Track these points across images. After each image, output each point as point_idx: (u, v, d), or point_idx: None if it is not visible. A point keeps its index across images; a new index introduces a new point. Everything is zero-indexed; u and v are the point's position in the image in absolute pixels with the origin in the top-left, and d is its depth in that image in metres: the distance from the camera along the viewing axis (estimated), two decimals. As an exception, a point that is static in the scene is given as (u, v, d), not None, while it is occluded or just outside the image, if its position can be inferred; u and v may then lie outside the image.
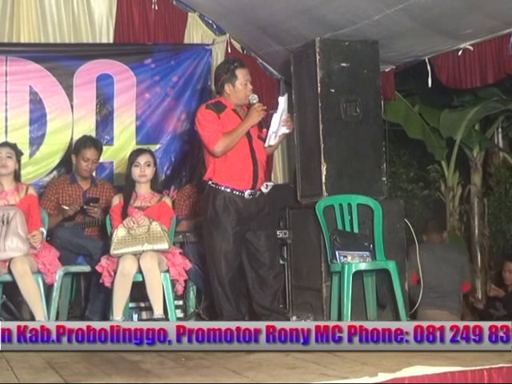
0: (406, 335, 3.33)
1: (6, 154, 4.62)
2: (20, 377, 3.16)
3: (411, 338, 3.33)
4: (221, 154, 4.39)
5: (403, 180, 8.10)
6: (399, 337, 3.34)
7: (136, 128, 6.21)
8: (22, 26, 5.97)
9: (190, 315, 5.19)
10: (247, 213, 4.44)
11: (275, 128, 4.48)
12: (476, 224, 7.80)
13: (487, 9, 4.87)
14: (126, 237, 4.44)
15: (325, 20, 5.36)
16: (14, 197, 4.61)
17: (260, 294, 4.51)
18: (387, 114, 6.05)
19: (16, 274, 4.36)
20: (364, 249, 4.89)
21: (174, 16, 6.33)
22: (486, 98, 7.10)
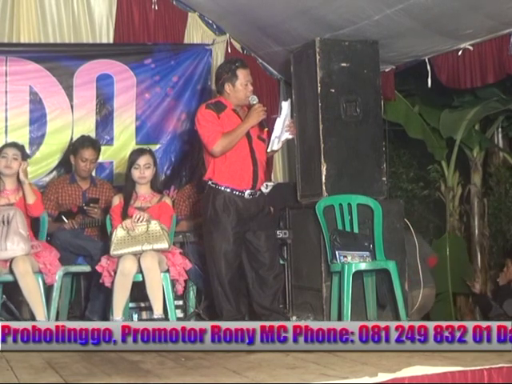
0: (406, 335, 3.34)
1: (13, 155, 4.66)
2: (20, 377, 3.16)
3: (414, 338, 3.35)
4: (220, 154, 4.39)
5: (403, 180, 8.09)
6: (400, 337, 3.34)
7: (136, 128, 6.20)
8: (22, 25, 5.96)
9: (190, 315, 5.19)
10: (247, 213, 4.44)
11: (278, 133, 4.48)
12: (476, 224, 7.79)
13: (487, 9, 4.87)
14: (126, 237, 4.44)
15: (325, 20, 5.35)
16: (15, 195, 4.64)
17: (260, 294, 4.52)
18: (387, 114, 6.05)
19: (18, 273, 4.37)
20: (364, 249, 4.89)
21: (174, 16, 6.33)
22: (486, 98, 7.09)
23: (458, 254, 7.43)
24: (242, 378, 3.06)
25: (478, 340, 3.31)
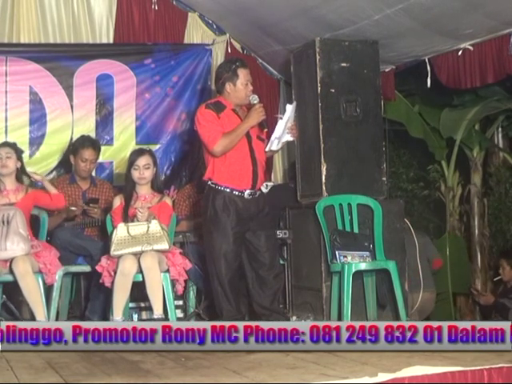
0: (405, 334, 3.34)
1: (6, 154, 4.65)
2: (20, 377, 3.16)
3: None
4: (220, 153, 4.39)
5: (403, 180, 8.08)
6: (400, 336, 3.34)
7: (136, 128, 6.20)
8: (22, 26, 5.96)
9: (190, 315, 5.19)
10: (247, 213, 4.44)
11: (279, 134, 4.48)
12: (476, 224, 7.79)
13: (487, 9, 4.87)
14: (126, 237, 4.44)
15: (325, 20, 5.36)
16: (16, 196, 4.64)
17: (260, 294, 4.52)
18: (387, 114, 6.05)
19: (18, 273, 4.37)
20: (364, 249, 4.89)
21: (174, 16, 6.33)
22: (487, 97, 7.09)
23: (458, 253, 7.43)
24: (241, 378, 3.06)
25: (480, 340, 3.32)
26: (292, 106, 4.52)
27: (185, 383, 3.04)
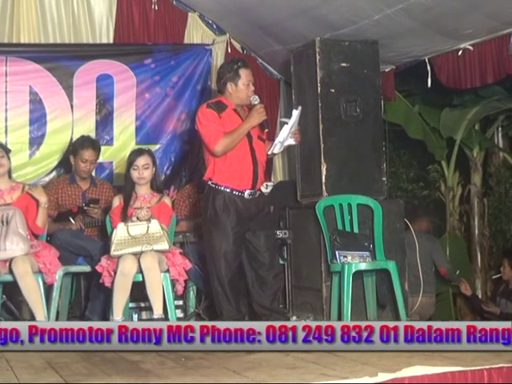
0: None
1: (0, 154, 4.64)
2: (20, 377, 3.15)
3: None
4: (221, 153, 4.39)
5: (403, 180, 8.09)
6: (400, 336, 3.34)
7: (136, 128, 6.21)
8: (22, 26, 5.96)
9: (190, 315, 5.19)
10: (247, 213, 4.44)
11: (282, 138, 4.49)
12: (476, 224, 7.79)
13: (487, 9, 4.87)
14: (126, 237, 4.43)
15: (325, 20, 5.36)
16: (11, 195, 4.62)
17: (260, 293, 4.52)
18: (387, 114, 6.05)
19: (17, 273, 4.36)
20: (364, 249, 4.89)
21: (174, 16, 6.33)
22: (487, 97, 7.09)
23: (458, 253, 7.44)
24: (242, 378, 3.06)
25: (479, 340, 3.32)
26: (297, 111, 4.52)
27: (185, 383, 3.04)
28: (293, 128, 4.51)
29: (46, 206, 4.63)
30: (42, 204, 4.60)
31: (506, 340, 3.29)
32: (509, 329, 3.31)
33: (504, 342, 3.29)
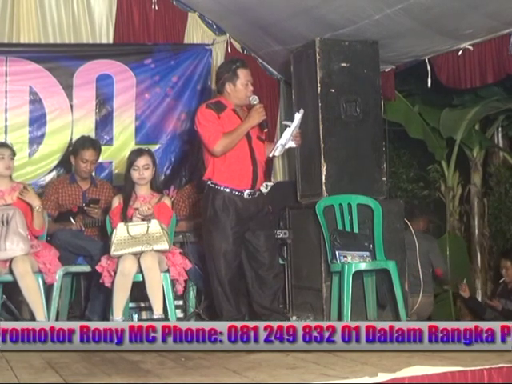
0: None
1: (10, 155, 4.65)
2: (20, 377, 3.15)
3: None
4: (220, 153, 4.39)
5: (403, 180, 8.10)
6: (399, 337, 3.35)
7: (135, 128, 6.21)
8: (22, 26, 5.96)
9: (190, 315, 5.19)
10: (246, 213, 4.44)
11: (284, 141, 4.50)
12: (476, 224, 7.80)
13: (487, 9, 4.88)
14: (126, 238, 4.43)
15: (325, 20, 5.36)
16: (11, 196, 4.62)
17: (260, 293, 4.52)
18: (387, 114, 6.05)
19: (17, 273, 4.36)
20: (364, 249, 4.89)
21: (174, 16, 6.33)
22: (487, 97, 7.10)
23: (458, 253, 7.44)
24: (242, 378, 3.06)
25: (479, 340, 3.32)
26: (300, 114, 4.53)
27: (185, 383, 3.04)
28: (294, 131, 4.51)
29: (39, 209, 4.60)
30: (35, 208, 4.58)
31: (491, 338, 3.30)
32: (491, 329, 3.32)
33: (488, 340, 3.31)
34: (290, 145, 4.56)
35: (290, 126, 4.51)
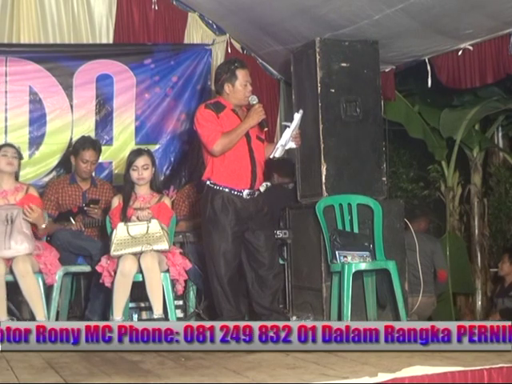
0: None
1: (13, 153, 4.66)
2: (20, 377, 3.16)
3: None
4: (219, 153, 4.40)
5: (403, 180, 8.10)
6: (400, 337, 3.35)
7: (135, 128, 6.20)
8: (22, 26, 5.96)
9: (190, 315, 5.19)
10: (246, 213, 4.44)
11: (284, 142, 4.50)
12: (476, 224, 7.79)
13: (487, 9, 4.88)
14: (126, 238, 4.43)
15: (325, 20, 5.36)
16: (14, 196, 4.62)
17: (259, 293, 4.52)
18: (387, 114, 6.05)
19: (18, 273, 4.37)
20: (364, 249, 4.89)
21: (174, 16, 6.33)
22: (487, 97, 7.10)
23: (458, 253, 7.43)
24: (242, 378, 3.06)
25: (479, 340, 3.32)
26: (299, 114, 4.53)
27: (185, 383, 3.04)
28: (294, 131, 4.51)
29: (44, 226, 4.66)
30: (40, 228, 4.62)
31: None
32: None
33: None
34: (290, 145, 4.56)
35: (289, 126, 4.51)
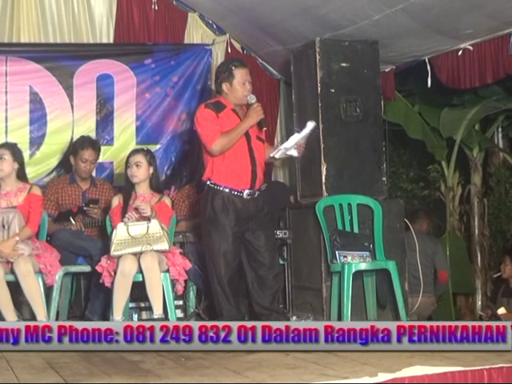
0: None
1: (10, 155, 4.58)
2: (20, 377, 3.16)
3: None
4: (218, 153, 4.40)
5: (403, 180, 8.09)
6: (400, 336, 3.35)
7: (136, 128, 6.20)
8: (22, 25, 5.95)
9: (190, 315, 5.19)
10: (246, 213, 4.44)
11: (289, 145, 4.50)
12: (476, 224, 7.79)
13: (487, 9, 4.88)
14: (126, 238, 4.44)
15: (325, 20, 5.36)
16: (17, 197, 4.60)
17: (259, 294, 4.52)
18: (387, 114, 6.05)
19: (19, 273, 4.37)
20: (364, 249, 4.89)
21: (174, 16, 6.32)
22: (487, 97, 7.09)
23: (458, 253, 7.43)
24: (242, 378, 3.06)
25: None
26: (312, 124, 4.53)
27: (185, 383, 3.04)
28: (302, 140, 4.51)
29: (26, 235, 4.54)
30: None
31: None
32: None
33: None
34: (292, 153, 4.56)
35: (299, 132, 4.51)
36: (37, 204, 4.63)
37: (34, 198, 4.62)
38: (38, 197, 4.67)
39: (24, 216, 4.55)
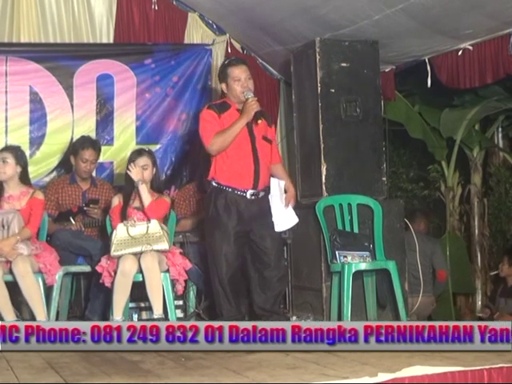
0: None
1: (13, 159, 4.58)
2: (20, 377, 3.16)
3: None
4: (215, 152, 4.40)
5: (403, 180, 8.10)
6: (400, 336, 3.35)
7: (136, 128, 6.20)
8: (22, 25, 5.96)
9: (190, 315, 5.19)
10: (249, 213, 4.43)
11: (278, 211, 4.58)
12: (476, 224, 7.79)
13: (487, 9, 4.88)
14: (126, 238, 4.44)
15: (325, 20, 5.36)
16: (20, 202, 4.59)
17: (261, 296, 4.50)
18: (387, 114, 6.05)
19: (18, 274, 4.36)
20: (364, 249, 4.89)
21: (174, 16, 6.33)
22: (487, 97, 7.10)
23: (458, 253, 7.43)
24: (242, 378, 3.06)
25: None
26: (275, 180, 4.61)
27: (185, 383, 3.04)
28: (282, 198, 4.60)
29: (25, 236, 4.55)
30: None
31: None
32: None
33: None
34: (290, 210, 4.65)
35: (270, 194, 4.54)
36: (38, 207, 4.64)
37: (35, 201, 4.62)
38: (39, 200, 4.67)
39: (25, 218, 4.55)
